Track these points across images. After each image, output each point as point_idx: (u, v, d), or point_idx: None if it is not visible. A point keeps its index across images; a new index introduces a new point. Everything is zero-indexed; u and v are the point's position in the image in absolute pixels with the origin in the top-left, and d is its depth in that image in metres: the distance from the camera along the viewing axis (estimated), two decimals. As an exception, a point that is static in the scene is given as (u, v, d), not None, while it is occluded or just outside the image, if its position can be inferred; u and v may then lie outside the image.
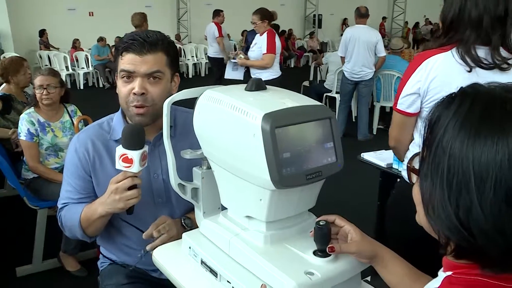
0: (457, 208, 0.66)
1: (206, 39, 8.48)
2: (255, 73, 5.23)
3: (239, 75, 5.51)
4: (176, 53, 1.59)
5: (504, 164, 0.63)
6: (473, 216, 0.65)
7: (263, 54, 5.16)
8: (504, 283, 0.69)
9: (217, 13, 8.12)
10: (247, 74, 5.63)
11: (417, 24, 19.95)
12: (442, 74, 1.65)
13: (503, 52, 1.58)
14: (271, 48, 5.12)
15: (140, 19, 6.02)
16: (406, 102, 1.76)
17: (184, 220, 1.57)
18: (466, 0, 1.61)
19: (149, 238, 1.49)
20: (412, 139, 1.83)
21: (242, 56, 5.42)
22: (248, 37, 8.20)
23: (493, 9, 1.56)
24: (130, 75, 1.49)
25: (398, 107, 1.80)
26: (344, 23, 17.91)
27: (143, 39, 1.48)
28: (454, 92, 0.73)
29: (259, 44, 5.22)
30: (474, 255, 0.69)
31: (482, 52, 1.60)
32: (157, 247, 1.44)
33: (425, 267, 1.12)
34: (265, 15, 5.19)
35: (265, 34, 5.15)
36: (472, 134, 0.66)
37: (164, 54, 1.52)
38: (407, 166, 0.81)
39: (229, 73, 5.57)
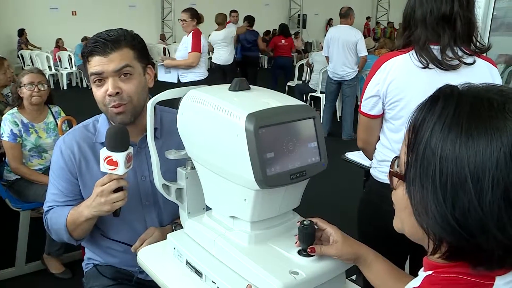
0: (453, 209, 0.66)
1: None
2: (181, 74, 5.25)
3: (172, 77, 5.31)
4: (143, 46, 1.58)
5: (501, 162, 0.63)
6: (471, 215, 0.65)
7: (188, 52, 5.15)
8: (482, 280, 0.70)
9: (229, 13, 8.38)
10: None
11: (400, 24, 20.08)
12: (399, 77, 1.67)
13: (460, 51, 1.60)
14: (196, 46, 5.11)
15: (224, 18, 7.22)
16: (368, 105, 1.79)
17: (175, 228, 1.56)
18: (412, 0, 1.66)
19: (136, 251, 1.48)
20: (379, 139, 1.86)
21: (164, 63, 5.35)
22: (247, 36, 8.17)
23: (436, 9, 1.58)
24: (100, 77, 1.48)
25: (362, 109, 1.83)
26: (329, 23, 17.97)
27: (104, 39, 1.47)
28: (434, 94, 0.73)
29: (185, 44, 5.23)
30: (469, 254, 0.69)
31: (436, 51, 1.61)
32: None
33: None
34: (195, 14, 5.23)
35: (191, 34, 5.15)
36: (463, 134, 0.65)
37: (130, 49, 1.51)
38: (389, 171, 0.80)
39: (162, 76, 5.36)
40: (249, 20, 8.38)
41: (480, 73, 1.60)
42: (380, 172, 1.84)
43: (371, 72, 1.76)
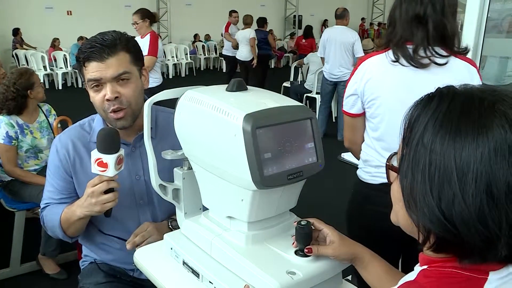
0: (440, 200, 0.69)
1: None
2: None
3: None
4: (137, 48, 1.58)
5: (485, 158, 0.66)
6: (455, 207, 0.67)
7: (144, 56, 4.93)
8: (476, 275, 0.72)
9: (230, 13, 8.81)
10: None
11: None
12: (375, 75, 1.72)
13: (433, 51, 1.64)
14: (152, 50, 4.85)
15: (251, 19, 8.00)
16: (348, 103, 1.84)
17: (171, 223, 1.57)
18: (395, 0, 1.73)
19: (132, 247, 1.49)
20: (363, 140, 1.88)
21: None
22: (257, 35, 8.52)
23: (411, 9, 1.64)
24: (98, 83, 1.48)
25: (343, 108, 1.88)
26: (324, 24, 18.01)
27: (100, 44, 1.47)
28: (432, 92, 0.76)
29: (141, 47, 5.01)
30: (454, 246, 0.71)
31: (411, 50, 1.66)
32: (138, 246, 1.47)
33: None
34: (146, 14, 4.97)
35: (147, 36, 4.90)
36: (453, 130, 0.68)
37: (126, 52, 1.51)
38: (386, 164, 0.83)
39: None
40: (259, 21, 8.87)
41: (457, 73, 1.64)
42: (364, 172, 1.86)
43: (352, 72, 1.82)
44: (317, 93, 7.16)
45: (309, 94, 7.49)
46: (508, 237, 0.66)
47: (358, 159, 1.97)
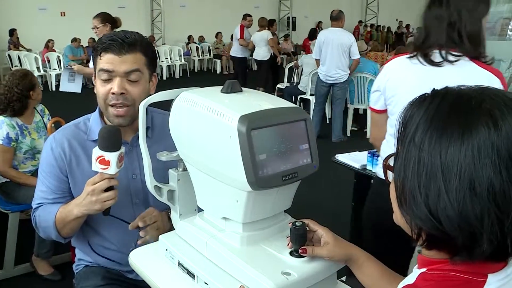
0: (427, 197, 0.70)
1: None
2: (67, 69, 4.70)
3: (76, 87, 4.65)
4: (154, 54, 1.61)
5: (469, 155, 0.67)
6: (440, 203, 0.69)
7: None
8: (475, 277, 0.73)
9: (244, 17, 9.20)
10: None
11: (389, 28, 20.26)
12: (396, 74, 1.81)
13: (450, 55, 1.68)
14: None
15: (266, 22, 8.79)
16: (373, 99, 1.94)
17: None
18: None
19: (134, 228, 1.50)
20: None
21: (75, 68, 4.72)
22: None
23: (439, 14, 1.69)
24: (109, 75, 1.50)
25: (370, 104, 1.98)
26: (318, 26, 18.04)
27: (122, 40, 1.49)
28: (426, 93, 0.77)
29: None
30: (442, 243, 0.73)
31: (431, 50, 1.70)
32: (146, 241, 1.47)
33: (400, 266, 1.15)
34: (106, 18, 4.72)
35: None
36: (440, 129, 0.70)
37: (143, 55, 1.53)
38: (383, 164, 0.86)
39: (65, 85, 4.69)
40: (270, 22, 9.55)
41: (476, 79, 1.64)
42: (381, 169, 1.88)
43: (380, 69, 1.92)
44: (311, 94, 7.18)
45: (303, 96, 7.50)
46: (490, 233, 0.67)
47: None
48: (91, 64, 3.63)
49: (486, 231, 0.67)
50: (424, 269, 0.78)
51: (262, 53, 8.92)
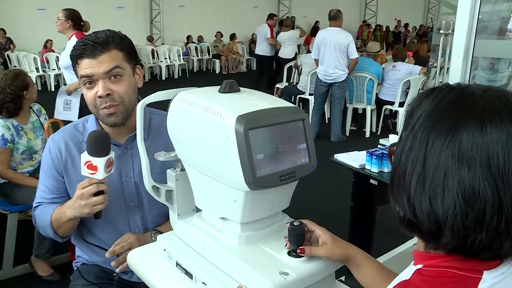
0: (409, 184, 0.74)
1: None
2: (62, 94, 4.25)
3: (72, 115, 4.11)
4: (131, 46, 1.59)
5: (449, 151, 0.70)
6: (417, 190, 0.73)
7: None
8: (470, 274, 0.73)
9: (270, 16, 9.74)
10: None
11: (387, 27, 20.26)
12: None
13: None
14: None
15: (291, 21, 8.64)
16: None
17: (154, 235, 1.56)
18: None
19: (112, 256, 1.50)
20: None
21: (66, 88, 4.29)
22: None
23: None
24: (91, 80, 1.49)
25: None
26: (316, 26, 18.03)
27: (93, 42, 1.48)
28: (438, 85, 0.79)
29: (68, 49, 4.03)
30: (415, 229, 0.76)
31: None
32: (123, 265, 1.48)
33: None
34: (72, 16, 4.53)
35: (73, 38, 4.33)
36: (434, 121, 0.73)
37: (118, 50, 1.52)
38: (389, 148, 0.87)
39: (60, 112, 4.20)
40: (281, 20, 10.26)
41: None
42: None
43: None
44: (310, 94, 7.18)
45: (302, 95, 7.50)
46: (452, 224, 0.70)
47: None
48: None
49: (449, 222, 0.70)
50: (420, 265, 0.78)
51: (287, 52, 9.42)
